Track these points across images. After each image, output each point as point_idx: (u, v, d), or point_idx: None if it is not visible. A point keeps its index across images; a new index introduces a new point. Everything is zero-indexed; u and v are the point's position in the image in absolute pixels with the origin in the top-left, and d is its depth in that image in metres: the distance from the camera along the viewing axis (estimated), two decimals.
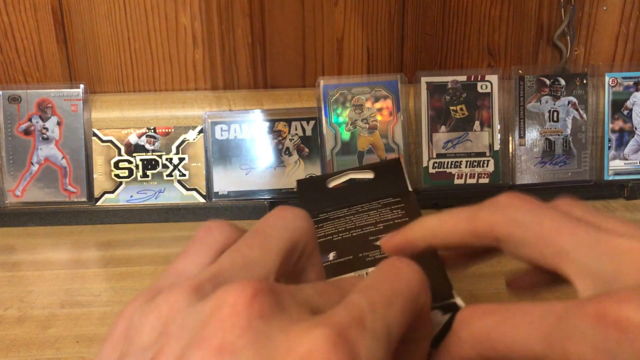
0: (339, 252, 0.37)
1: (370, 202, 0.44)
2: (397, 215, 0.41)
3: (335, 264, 0.36)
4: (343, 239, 0.39)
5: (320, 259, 0.26)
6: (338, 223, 0.42)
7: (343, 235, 0.39)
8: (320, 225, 0.42)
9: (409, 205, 0.42)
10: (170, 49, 0.68)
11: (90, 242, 0.60)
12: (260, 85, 0.70)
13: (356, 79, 0.67)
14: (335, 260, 0.36)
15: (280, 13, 0.68)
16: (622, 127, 0.67)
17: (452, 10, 0.68)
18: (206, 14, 0.67)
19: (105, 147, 0.65)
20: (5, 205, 0.64)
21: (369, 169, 0.48)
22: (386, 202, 0.44)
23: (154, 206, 0.64)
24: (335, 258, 0.36)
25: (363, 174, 0.48)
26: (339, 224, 0.41)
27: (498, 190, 0.66)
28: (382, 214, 0.41)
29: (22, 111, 0.64)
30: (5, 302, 0.49)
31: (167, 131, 0.65)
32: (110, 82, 0.69)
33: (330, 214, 0.44)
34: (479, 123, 0.66)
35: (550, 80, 0.66)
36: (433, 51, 0.70)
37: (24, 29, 0.67)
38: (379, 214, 0.42)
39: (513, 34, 0.70)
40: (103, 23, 0.67)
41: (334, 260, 0.36)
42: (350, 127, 0.66)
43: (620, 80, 0.67)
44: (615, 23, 0.70)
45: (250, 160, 0.65)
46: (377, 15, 0.68)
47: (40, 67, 0.68)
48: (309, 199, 0.47)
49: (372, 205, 0.43)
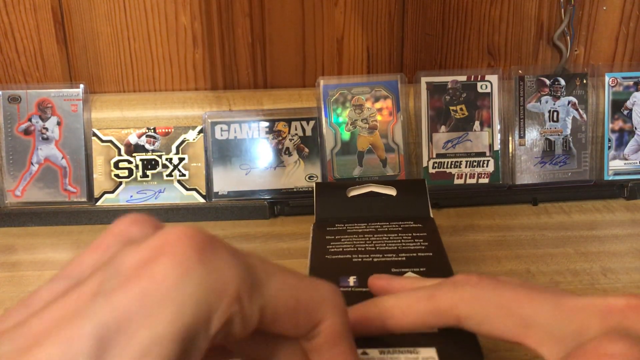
0: (360, 278, 0.35)
1: (390, 221, 0.43)
2: (419, 247, 0.39)
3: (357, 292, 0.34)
4: (363, 263, 0.37)
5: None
6: (357, 240, 0.40)
7: (363, 258, 0.38)
8: (337, 238, 0.41)
9: (431, 235, 0.41)
10: (170, 49, 0.68)
11: (90, 242, 0.60)
12: (260, 85, 0.70)
13: (356, 79, 0.67)
14: (355, 287, 0.34)
15: (280, 13, 0.68)
16: (622, 127, 0.67)
17: (452, 10, 0.68)
18: (206, 14, 0.67)
19: (105, 147, 0.65)
20: (5, 205, 0.64)
21: (392, 185, 0.47)
22: (407, 227, 0.42)
23: (154, 206, 0.64)
24: (355, 285, 0.34)
25: (385, 189, 0.47)
26: (358, 242, 0.40)
27: (498, 190, 0.66)
28: (403, 241, 0.40)
29: (22, 111, 0.64)
30: (5, 302, 0.49)
31: (167, 131, 0.65)
32: (110, 82, 0.69)
33: (348, 226, 0.42)
34: (479, 123, 0.66)
35: (550, 80, 0.66)
36: (433, 51, 0.70)
37: (24, 29, 0.67)
38: (400, 239, 0.40)
39: (513, 34, 0.70)
40: (103, 23, 0.67)
41: (354, 287, 0.34)
42: (350, 127, 0.66)
43: (620, 80, 0.67)
44: (615, 23, 0.70)
45: (250, 160, 0.65)
46: (377, 15, 0.68)
47: (40, 67, 0.68)
48: (326, 204, 0.46)
49: (392, 227, 0.42)
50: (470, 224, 0.61)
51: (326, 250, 0.39)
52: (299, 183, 0.65)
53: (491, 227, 0.61)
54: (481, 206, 0.65)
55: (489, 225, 0.61)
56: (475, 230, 0.60)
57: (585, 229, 0.60)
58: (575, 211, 0.64)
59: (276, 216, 0.65)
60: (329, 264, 0.37)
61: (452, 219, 0.63)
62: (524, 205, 0.65)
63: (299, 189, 0.65)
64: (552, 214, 0.63)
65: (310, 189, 0.65)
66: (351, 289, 0.34)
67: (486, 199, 0.66)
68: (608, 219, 0.62)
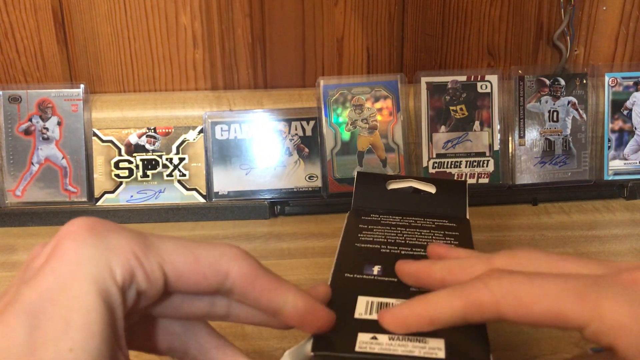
0: (384, 268, 0.35)
1: (425, 217, 0.43)
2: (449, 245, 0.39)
3: (379, 281, 0.34)
4: (390, 253, 0.37)
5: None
6: (389, 232, 0.40)
7: (391, 249, 0.38)
8: (370, 228, 0.40)
9: (463, 235, 0.41)
10: (171, 49, 0.68)
11: None
12: (260, 85, 0.70)
13: (356, 79, 0.67)
14: (379, 276, 0.34)
15: (280, 13, 0.68)
16: (622, 127, 0.67)
17: (452, 10, 0.68)
18: (206, 14, 0.67)
19: (106, 147, 0.65)
20: (5, 205, 0.64)
21: (432, 183, 0.47)
22: (441, 224, 0.42)
23: (154, 206, 0.64)
24: (379, 274, 0.34)
25: (425, 186, 0.47)
26: (390, 234, 0.40)
27: (498, 190, 0.66)
28: (435, 238, 0.40)
29: (22, 111, 0.65)
30: None
31: (167, 131, 0.65)
32: (110, 82, 0.69)
33: (383, 217, 0.42)
34: (479, 123, 0.66)
35: (550, 80, 0.67)
36: (433, 51, 0.70)
37: (24, 29, 0.67)
38: (432, 236, 0.40)
39: (513, 34, 0.70)
40: (103, 23, 0.67)
41: (377, 275, 0.34)
42: (350, 127, 0.66)
43: (620, 80, 0.67)
44: (614, 23, 0.70)
45: (250, 160, 0.65)
46: (377, 15, 0.68)
47: (41, 67, 0.68)
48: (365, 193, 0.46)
49: (426, 223, 0.42)
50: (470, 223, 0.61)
51: (357, 238, 0.39)
52: (299, 183, 0.66)
53: (491, 227, 0.61)
54: (481, 206, 0.65)
55: (489, 225, 0.61)
56: (475, 230, 0.60)
57: (585, 229, 0.60)
58: (575, 211, 0.64)
59: (276, 216, 0.65)
60: (357, 252, 0.37)
61: None
62: (524, 205, 0.65)
63: (299, 189, 0.65)
64: (552, 214, 0.63)
65: (310, 189, 0.65)
66: (374, 277, 0.34)
67: (486, 199, 0.66)
68: (608, 219, 0.62)
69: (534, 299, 0.25)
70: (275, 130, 0.66)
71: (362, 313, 0.30)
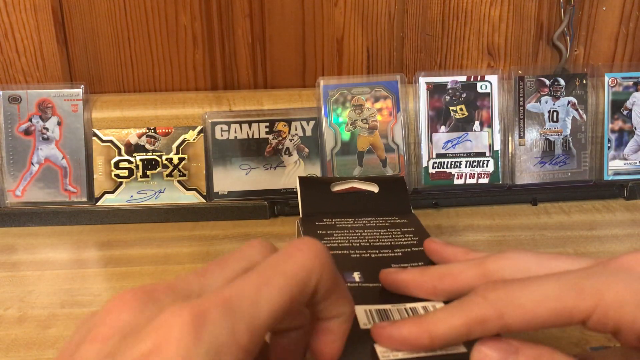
0: (363, 273, 0.35)
1: (375, 217, 0.43)
2: (411, 242, 0.40)
3: (365, 288, 0.34)
4: (362, 258, 0.37)
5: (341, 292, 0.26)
6: (349, 235, 0.40)
7: (361, 254, 0.38)
8: (329, 233, 0.41)
9: (418, 230, 0.42)
10: (170, 49, 0.68)
11: (90, 242, 0.60)
12: (260, 86, 0.70)
13: (356, 79, 0.67)
14: (362, 283, 0.34)
15: (280, 13, 0.68)
16: (622, 127, 0.67)
17: (452, 10, 0.68)
18: (206, 14, 0.67)
19: (106, 147, 0.65)
20: (5, 205, 0.64)
21: (374, 182, 0.47)
22: (393, 222, 0.43)
23: (154, 206, 0.64)
24: (362, 281, 0.34)
25: (368, 186, 0.48)
26: (351, 237, 0.40)
27: (498, 190, 0.66)
28: (394, 236, 0.40)
29: (22, 111, 0.65)
30: (5, 302, 0.49)
31: (167, 131, 0.65)
32: (110, 82, 0.69)
33: (336, 221, 0.42)
34: (479, 123, 0.66)
35: (550, 81, 0.67)
36: (433, 51, 0.70)
37: (24, 29, 0.67)
38: (391, 235, 0.40)
39: (513, 34, 0.70)
40: (103, 23, 0.67)
41: (361, 282, 0.34)
42: (350, 127, 0.66)
43: (620, 80, 0.67)
44: (614, 23, 0.70)
45: (250, 160, 0.65)
46: (377, 15, 0.68)
47: (41, 67, 0.68)
48: (311, 198, 0.46)
49: (379, 222, 0.42)
50: (470, 224, 0.61)
51: None
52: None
53: (491, 227, 0.61)
54: (481, 206, 0.65)
55: (489, 225, 0.61)
56: (475, 230, 0.60)
57: (584, 229, 0.60)
58: (575, 211, 0.64)
59: (276, 216, 0.65)
60: None
61: (452, 219, 0.63)
62: (524, 205, 0.65)
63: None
64: (551, 214, 0.63)
65: None
66: (358, 284, 0.34)
67: (486, 199, 0.66)
68: (608, 219, 0.62)
69: (536, 303, 0.25)
70: (275, 130, 0.66)
71: (366, 323, 0.30)
